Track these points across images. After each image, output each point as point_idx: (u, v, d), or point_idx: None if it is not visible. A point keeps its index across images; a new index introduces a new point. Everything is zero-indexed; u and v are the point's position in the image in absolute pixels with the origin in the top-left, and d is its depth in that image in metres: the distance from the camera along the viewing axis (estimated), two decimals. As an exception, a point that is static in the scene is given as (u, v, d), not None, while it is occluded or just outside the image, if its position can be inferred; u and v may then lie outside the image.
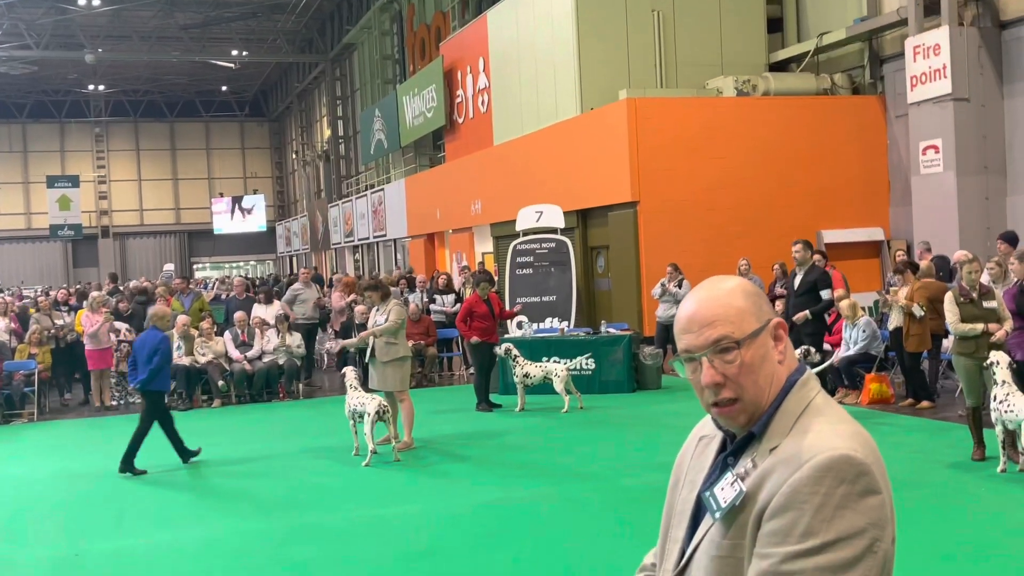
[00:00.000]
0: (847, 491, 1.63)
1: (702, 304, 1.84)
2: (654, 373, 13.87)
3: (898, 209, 19.38)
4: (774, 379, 1.80)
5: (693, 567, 1.82)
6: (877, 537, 1.64)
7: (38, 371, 14.38)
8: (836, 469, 1.64)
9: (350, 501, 8.41)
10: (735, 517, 1.74)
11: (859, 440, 1.71)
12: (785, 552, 1.62)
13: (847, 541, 1.61)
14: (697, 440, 2.01)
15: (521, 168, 23.07)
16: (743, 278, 1.93)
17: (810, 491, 1.63)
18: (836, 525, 1.61)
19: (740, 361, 1.78)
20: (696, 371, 1.82)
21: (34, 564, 6.93)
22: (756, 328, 1.80)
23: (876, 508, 1.65)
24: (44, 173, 54.53)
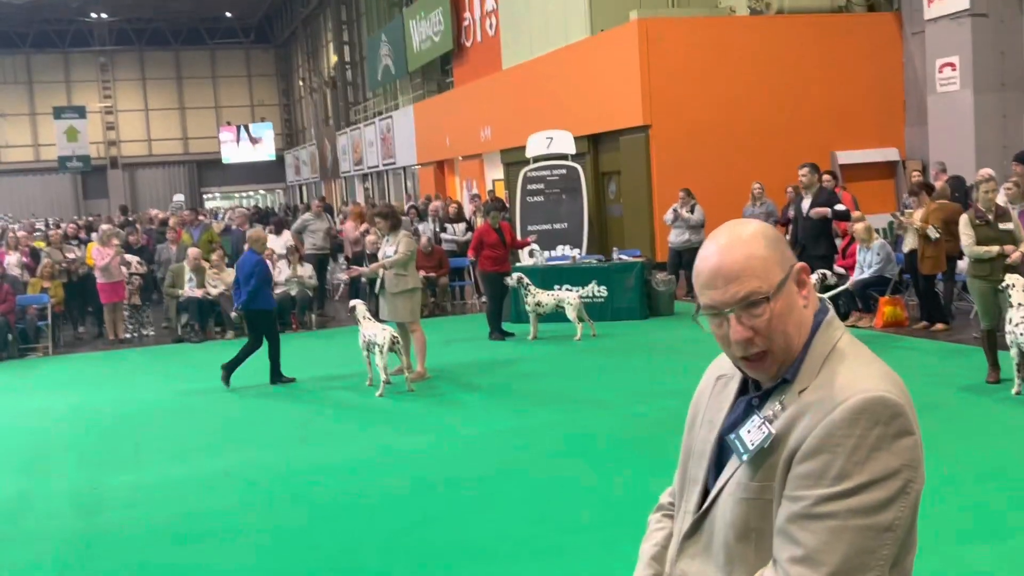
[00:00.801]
0: (881, 433, 1.62)
1: (725, 256, 1.77)
2: (666, 299, 13.82)
3: (913, 129, 19.09)
4: (802, 325, 1.77)
5: (718, 509, 1.80)
6: (911, 478, 1.63)
7: (51, 305, 14.43)
8: (870, 411, 1.63)
9: (364, 432, 8.45)
10: (763, 459, 1.72)
11: (891, 381, 1.70)
12: (818, 495, 1.61)
13: (881, 483, 1.60)
14: (715, 380, 1.98)
15: (531, 93, 22.77)
16: (762, 221, 1.86)
17: (844, 433, 1.62)
18: (870, 467, 1.60)
19: (769, 314, 1.73)
20: (722, 326, 1.78)
21: (53, 497, 7.00)
22: (782, 278, 1.75)
23: (910, 449, 1.64)
24: (50, 104, 54.17)
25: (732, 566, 1.75)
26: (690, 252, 15.15)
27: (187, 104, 58.86)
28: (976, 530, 5.28)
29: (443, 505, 6.27)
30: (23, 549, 5.96)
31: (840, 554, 1.59)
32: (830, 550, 1.59)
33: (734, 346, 1.76)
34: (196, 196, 56.93)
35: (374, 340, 9.72)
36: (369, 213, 14.25)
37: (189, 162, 58.57)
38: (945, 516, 5.23)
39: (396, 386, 9.90)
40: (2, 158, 55.45)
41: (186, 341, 14.41)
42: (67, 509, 6.71)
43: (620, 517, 5.74)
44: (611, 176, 20.60)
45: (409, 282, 10.36)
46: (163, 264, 15.73)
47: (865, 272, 11.91)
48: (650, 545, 2.03)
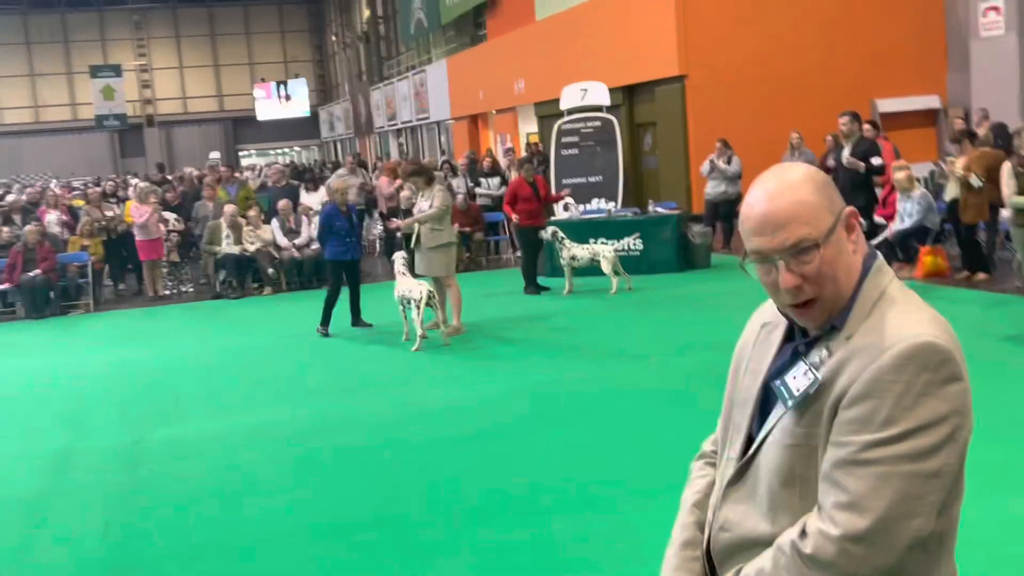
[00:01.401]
0: (930, 378, 1.60)
1: (773, 201, 1.73)
2: (703, 252, 13.71)
3: (955, 75, 18.68)
4: (851, 271, 1.74)
5: (762, 456, 1.78)
6: (959, 425, 1.61)
7: (91, 263, 14.59)
8: (919, 356, 1.60)
9: (400, 386, 8.50)
10: (809, 406, 1.70)
11: (940, 327, 1.67)
12: (864, 440, 1.59)
13: (928, 429, 1.58)
14: (759, 327, 1.96)
15: (564, 44, 22.53)
16: (809, 165, 1.81)
17: (892, 379, 1.60)
18: (918, 413, 1.58)
19: (819, 261, 1.70)
20: (770, 273, 1.74)
21: (96, 452, 7.12)
22: (832, 223, 1.72)
23: (959, 395, 1.62)
24: (86, 63, 54.44)
25: (776, 513, 1.73)
26: (727, 204, 15.00)
27: (221, 61, 58.91)
28: (1018, 480, 5.22)
29: (479, 457, 6.30)
30: (70, 502, 6.08)
31: (886, 500, 1.57)
32: (876, 496, 1.57)
33: (783, 294, 1.73)
34: (231, 153, 57.17)
35: (409, 295, 9.74)
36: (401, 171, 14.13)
37: (224, 119, 58.75)
38: (988, 466, 5.17)
39: (432, 341, 9.93)
40: (40, 118, 55.95)
41: (224, 297, 14.54)
42: (111, 463, 6.82)
43: (656, 469, 5.74)
44: (646, 128, 20.39)
45: (444, 236, 10.34)
46: (200, 221, 15.83)
47: (906, 222, 11.73)
48: (692, 492, 2.02)
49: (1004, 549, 4.41)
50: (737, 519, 1.80)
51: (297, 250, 14.92)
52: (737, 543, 1.79)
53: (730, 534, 1.81)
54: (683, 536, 1.95)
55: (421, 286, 9.73)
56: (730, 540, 1.81)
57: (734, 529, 1.80)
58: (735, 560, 1.78)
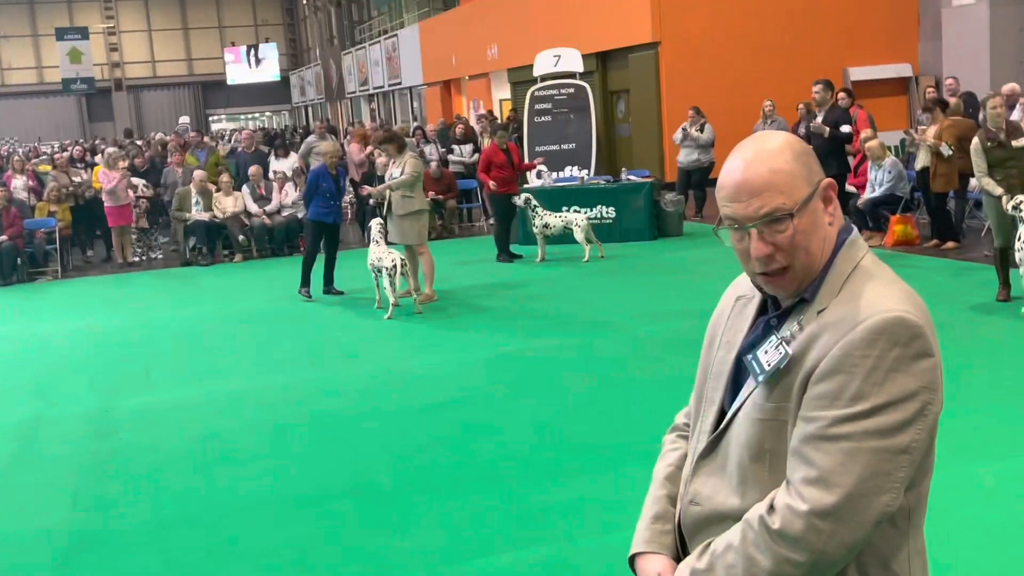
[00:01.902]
0: (900, 354, 1.59)
1: (750, 168, 1.70)
2: (676, 220, 13.73)
3: (927, 44, 18.75)
4: (826, 242, 1.72)
5: (733, 429, 1.77)
6: (929, 400, 1.61)
7: (59, 229, 14.42)
8: (889, 331, 1.60)
9: (372, 353, 8.48)
10: (780, 380, 1.69)
11: (912, 302, 1.66)
12: (833, 416, 1.59)
13: (898, 404, 1.58)
14: (734, 300, 1.94)
15: (538, 10, 22.38)
16: (790, 134, 1.79)
17: (862, 354, 1.59)
18: (887, 388, 1.58)
19: (792, 231, 1.68)
20: (743, 240, 1.73)
21: (66, 420, 7.07)
22: (808, 193, 1.70)
23: (929, 371, 1.61)
24: (52, 25, 53.49)
25: (746, 487, 1.73)
26: (699, 172, 15.01)
27: (190, 24, 58.04)
28: (985, 448, 5.29)
29: (452, 426, 6.31)
30: (39, 471, 6.04)
31: (855, 475, 1.57)
32: (844, 471, 1.57)
33: (754, 262, 1.71)
34: (202, 118, 56.49)
35: (380, 264, 9.71)
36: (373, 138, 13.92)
37: (194, 84, 57.98)
38: (955, 434, 5.24)
39: (404, 308, 9.91)
40: (4, 81, 54.99)
41: (194, 264, 14.43)
42: (81, 432, 6.77)
43: (629, 437, 5.77)
44: (620, 95, 20.35)
45: (415, 204, 10.28)
46: (169, 187, 15.67)
47: (876, 190, 11.80)
48: (664, 465, 2.01)
49: (971, 516, 4.48)
50: (708, 493, 1.80)
51: (268, 216, 14.80)
52: (707, 517, 1.79)
53: (700, 508, 1.81)
54: (654, 509, 1.94)
55: (393, 254, 9.70)
56: (700, 513, 1.81)
57: (704, 503, 1.80)
58: (705, 534, 1.78)
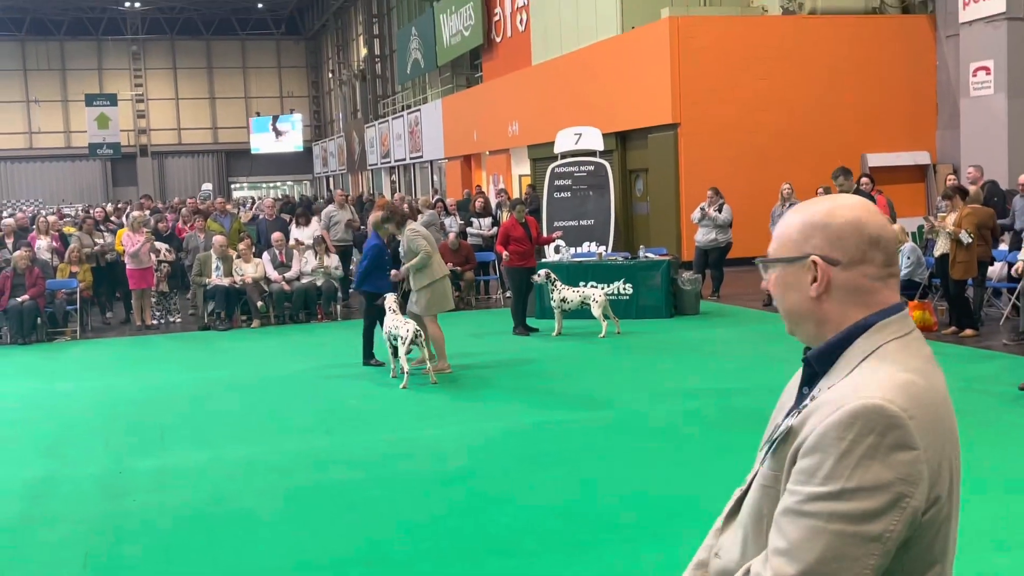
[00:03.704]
0: (875, 442, 1.58)
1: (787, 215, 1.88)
2: (692, 298, 13.76)
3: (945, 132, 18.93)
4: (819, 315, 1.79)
5: (750, 491, 1.86)
6: (905, 493, 1.59)
7: (79, 289, 14.55)
8: (865, 418, 1.59)
9: (388, 423, 8.47)
10: (779, 449, 1.76)
11: (905, 392, 1.63)
12: (807, 492, 1.61)
13: (870, 492, 1.57)
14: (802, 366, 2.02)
15: (560, 89, 22.74)
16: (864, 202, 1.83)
17: (837, 436, 1.60)
18: (859, 474, 1.58)
19: (770, 281, 1.86)
20: None
21: (79, 480, 7.06)
22: (785, 257, 1.81)
23: (907, 464, 1.59)
24: (82, 91, 54.62)
25: (746, 548, 1.81)
26: (717, 251, 15.08)
27: (217, 94, 59.19)
28: (1007, 539, 5.22)
29: (466, 497, 6.27)
30: (50, 531, 6.01)
31: (816, 554, 1.59)
32: (807, 548, 1.59)
33: None
34: (224, 185, 57.26)
35: (396, 332, 9.78)
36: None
37: (218, 151, 58.91)
38: (976, 524, 5.18)
39: (419, 378, 9.91)
40: (34, 144, 55.98)
41: (212, 329, 14.50)
42: (93, 492, 6.76)
43: (646, 515, 5.72)
44: (639, 173, 20.55)
45: (424, 278, 10.37)
46: (191, 252, 15.83)
47: (894, 275, 11.80)
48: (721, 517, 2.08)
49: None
50: (727, 547, 1.88)
51: (287, 283, 14.90)
52: (722, 570, 1.87)
53: (720, 560, 1.89)
54: (699, 556, 2.03)
55: (409, 324, 9.76)
56: (719, 566, 1.89)
57: (723, 556, 1.88)
58: None
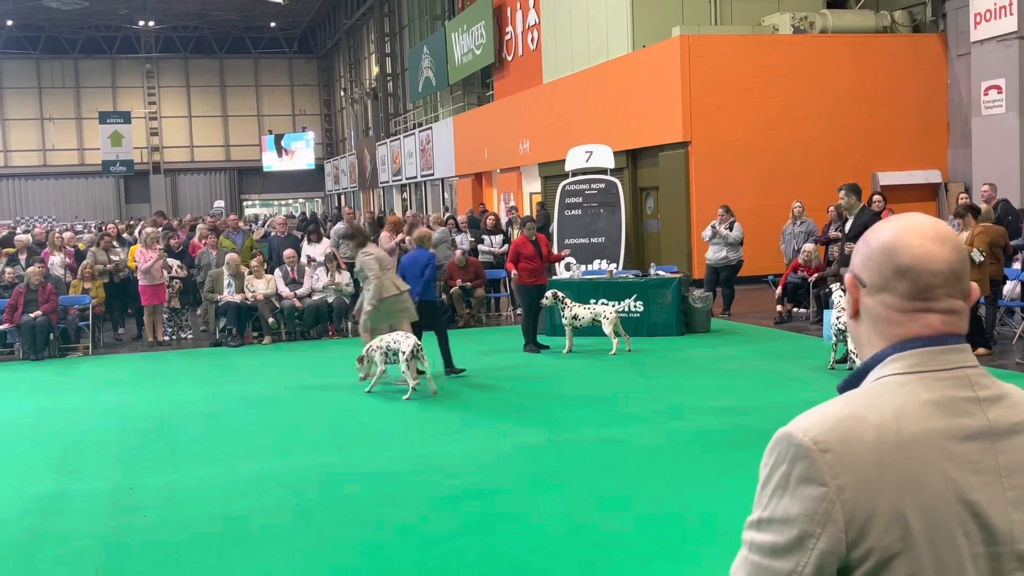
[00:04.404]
0: (785, 471, 1.49)
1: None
2: (703, 316, 13.74)
3: (957, 151, 18.91)
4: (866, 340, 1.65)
5: None
6: (809, 533, 1.45)
7: (92, 306, 14.61)
8: (779, 447, 1.51)
9: (398, 439, 8.47)
10: None
11: (832, 425, 1.49)
12: (749, 517, 1.55)
13: (780, 525, 1.48)
14: None
15: (571, 107, 22.81)
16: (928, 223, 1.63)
17: (764, 461, 1.55)
18: (772, 504, 1.50)
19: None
20: None
21: (90, 496, 7.07)
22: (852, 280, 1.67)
23: (811, 500, 1.45)
24: (96, 109, 55.04)
25: None
26: (728, 269, 15.07)
27: (230, 112, 59.55)
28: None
29: (477, 516, 6.26)
30: (60, 547, 6.02)
31: None
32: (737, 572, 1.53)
33: None
34: (236, 203, 57.53)
35: (395, 347, 10.00)
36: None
37: (230, 169, 59.22)
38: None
39: (426, 394, 9.91)
40: (48, 161, 56.37)
41: (223, 345, 14.53)
42: (104, 508, 6.77)
43: (658, 534, 5.70)
44: (649, 191, 20.57)
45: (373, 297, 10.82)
46: (203, 268, 15.89)
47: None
48: None
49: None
50: None
51: (298, 300, 14.94)
52: None
53: None
54: None
55: (410, 338, 10.00)
56: None
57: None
58: None
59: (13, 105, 55.59)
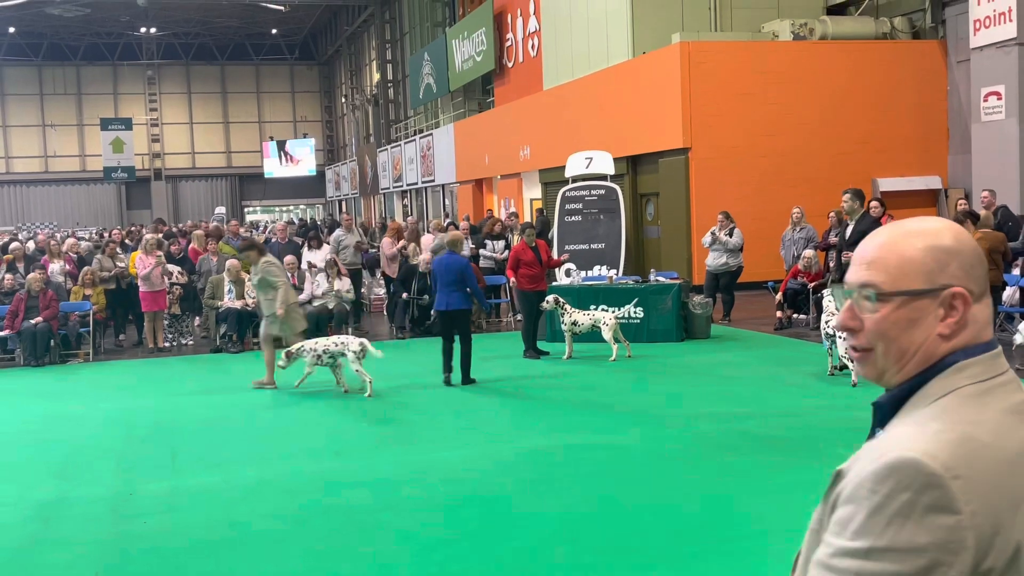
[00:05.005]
0: (911, 500, 1.42)
1: (878, 239, 1.62)
2: (703, 322, 13.76)
3: (957, 157, 18.93)
4: (922, 351, 1.56)
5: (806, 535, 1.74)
6: (941, 562, 1.40)
7: (93, 312, 14.63)
8: (900, 473, 1.43)
9: (397, 446, 8.48)
10: (828, 493, 1.62)
11: (954, 448, 1.45)
12: (838, 546, 1.48)
13: (900, 554, 1.41)
14: None
15: (571, 113, 22.84)
16: (956, 227, 1.62)
17: (871, 488, 1.46)
18: (891, 534, 1.42)
19: (881, 316, 1.57)
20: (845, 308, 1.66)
21: (90, 502, 7.08)
22: (915, 288, 1.56)
23: (945, 529, 1.41)
24: (98, 116, 55.12)
25: None
26: (727, 275, 15.08)
27: (231, 118, 59.63)
28: None
29: (475, 522, 6.27)
30: (60, 552, 6.04)
31: None
32: None
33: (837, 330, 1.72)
34: (237, 209, 57.58)
35: (347, 348, 10.55)
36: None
37: (231, 175, 59.29)
38: None
39: (426, 400, 9.92)
40: (50, 168, 56.46)
41: (224, 351, 14.55)
42: (104, 514, 6.78)
43: (658, 540, 5.71)
44: (649, 197, 20.60)
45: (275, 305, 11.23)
46: (203, 275, 15.91)
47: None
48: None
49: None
50: None
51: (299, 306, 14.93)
52: None
53: None
54: None
55: (358, 340, 10.64)
56: None
57: None
58: None
59: (15, 112, 55.70)
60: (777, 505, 6.21)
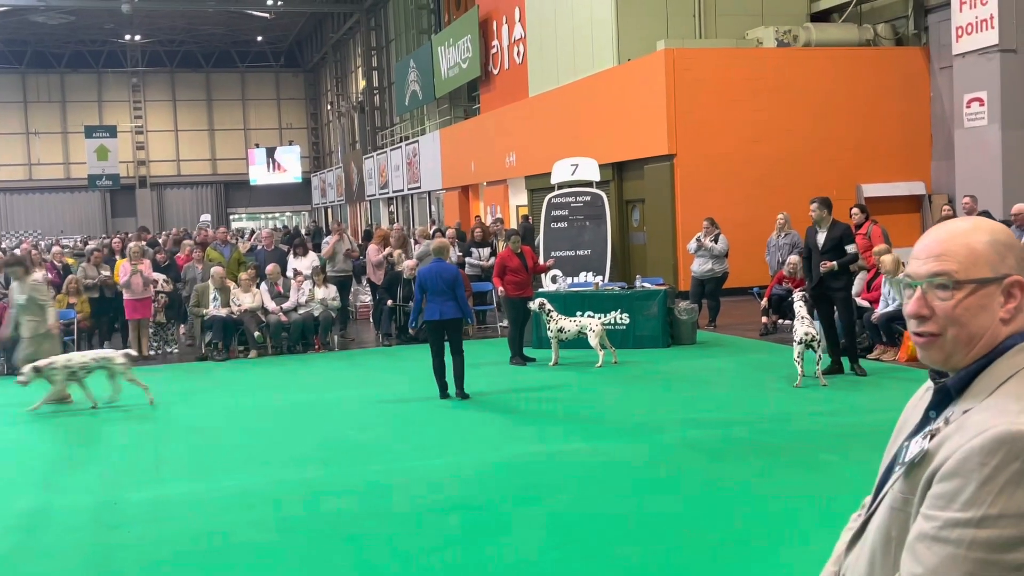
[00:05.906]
0: (1021, 468, 1.54)
1: (940, 235, 1.80)
2: (689, 328, 13.78)
3: (940, 163, 19.04)
4: (988, 335, 1.73)
5: (877, 513, 1.83)
6: None
7: (77, 320, 14.55)
8: (1011, 444, 1.55)
9: (383, 453, 8.46)
10: (913, 472, 1.72)
11: None
12: (946, 518, 1.57)
13: (1012, 520, 1.52)
14: (925, 388, 1.97)
15: (556, 120, 22.88)
16: (1002, 226, 1.84)
17: (980, 461, 1.56)
18: (1002, 502, 1.53)
19: (955, 302, 1.74)
20: (911, 298, 1.81)
21: (73, 512, 7.03)
22: (987, 277, 1.73)
23: None
24: (82, 123, 54.93)
25: (873, 570, 1.78)
26: (713, 282, 15.12)
27: (216, 126, 59.50)
28: None
29: (462, 529, 6.26)
30: (45, 563, 5.99)
31: None
32: (946, 574, 1.56)
33: (909, 318, 1.80)
34: (223, 216, 57.41)
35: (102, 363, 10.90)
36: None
37: (216, 183, 59.14)
38: None
39: (410, 408, 9.89)
40: (34, 175, 56.20)
41: (209, 359, 14.49)
42: (88, 524, 6.74)
43: (644, 547, 5.71)
44: (635, 204, 20.64)
45: (40, 327, 11.23)
46: (189, 283, 15.86)
47: (890, 305, 11.85)
48: (841, 541, 2.05)
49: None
50: (853, 568, 1.86)
51: (284, 314, 14.92)
52: None
53: None
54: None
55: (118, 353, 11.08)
56: None
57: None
58: None
59: (-2, 120, 55.45)
60: (765, 510, 6.21)
